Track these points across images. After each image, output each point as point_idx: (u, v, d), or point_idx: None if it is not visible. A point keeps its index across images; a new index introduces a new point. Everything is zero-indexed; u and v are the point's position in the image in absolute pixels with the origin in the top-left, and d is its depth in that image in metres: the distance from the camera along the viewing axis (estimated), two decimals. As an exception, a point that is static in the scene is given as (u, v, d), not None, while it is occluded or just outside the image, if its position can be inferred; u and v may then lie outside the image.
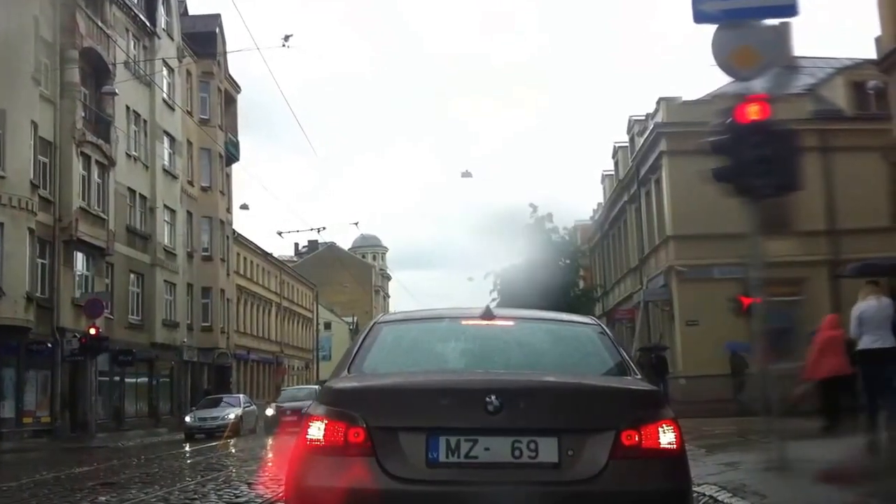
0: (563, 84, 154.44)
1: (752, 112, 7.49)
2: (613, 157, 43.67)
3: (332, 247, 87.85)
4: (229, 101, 48.78)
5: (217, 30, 46.18)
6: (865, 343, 10.37)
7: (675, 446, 3.71)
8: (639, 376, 4.22)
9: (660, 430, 3.68)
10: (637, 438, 3.62)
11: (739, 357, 26.51)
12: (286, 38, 26.42)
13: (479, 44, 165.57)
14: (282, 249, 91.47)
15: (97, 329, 28.66)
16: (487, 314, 4.57)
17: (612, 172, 44.39)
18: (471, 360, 4.35)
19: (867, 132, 26.08)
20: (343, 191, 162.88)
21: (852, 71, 30.14)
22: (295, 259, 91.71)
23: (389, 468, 3.56)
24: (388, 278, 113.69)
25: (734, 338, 24.91)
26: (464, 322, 4.74)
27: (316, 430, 3.71)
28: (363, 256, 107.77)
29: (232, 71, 49.50)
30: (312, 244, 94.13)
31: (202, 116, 44.63)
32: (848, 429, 11.61)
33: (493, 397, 3.58)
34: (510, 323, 4.78)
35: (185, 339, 41.63)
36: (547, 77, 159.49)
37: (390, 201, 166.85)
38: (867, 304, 10.49)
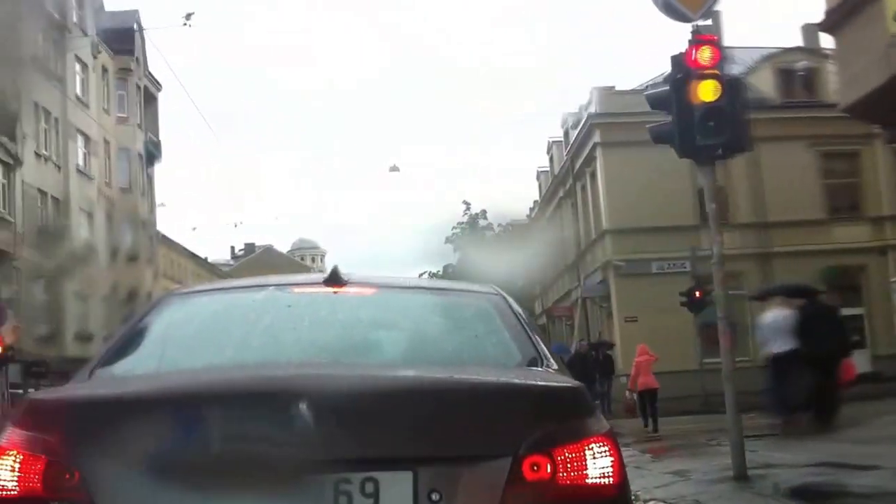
0: (498, 80, 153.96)
1: (704, 57, 6.30)
2: (548, 153, 42.99)
3: (269, 250, 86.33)
4: (149, 100, 46.91)
5: (135, 26, 44.40)
6: (773, 348, 11.73)
7: (612, 480, 2.25)
8: (555, 367, 2.72)
9: (587, 452, 2.24)
10: (549, 468, 2.20)
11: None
12: (188, 16, 24.92)
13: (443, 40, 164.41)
14: (219, 253, 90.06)
15: (1, 339, 26.68)
16: (334, 279, 3.04)
17: (547, 168, 43.73)
18: (289, 347, 2.76)
19: (795, 121, 25.51)
20: (282, 193, 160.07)
21: (779, 58, 29.71)
22: (231, 262, 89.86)
23: None
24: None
25: (676, 334, 24.19)
26: (296, 290, 3.24)
27: (5, 471, 2.17)
28: (302, 259, 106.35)
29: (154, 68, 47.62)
30: (249, 247, 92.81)
31: (119, 115, 42.70)
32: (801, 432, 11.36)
33: (303, 407, 2.13)
34: (368, 292, 3.19)
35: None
36: (486, 74, 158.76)
37: (328, 202, 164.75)
38: (770, 316, 12.02)
